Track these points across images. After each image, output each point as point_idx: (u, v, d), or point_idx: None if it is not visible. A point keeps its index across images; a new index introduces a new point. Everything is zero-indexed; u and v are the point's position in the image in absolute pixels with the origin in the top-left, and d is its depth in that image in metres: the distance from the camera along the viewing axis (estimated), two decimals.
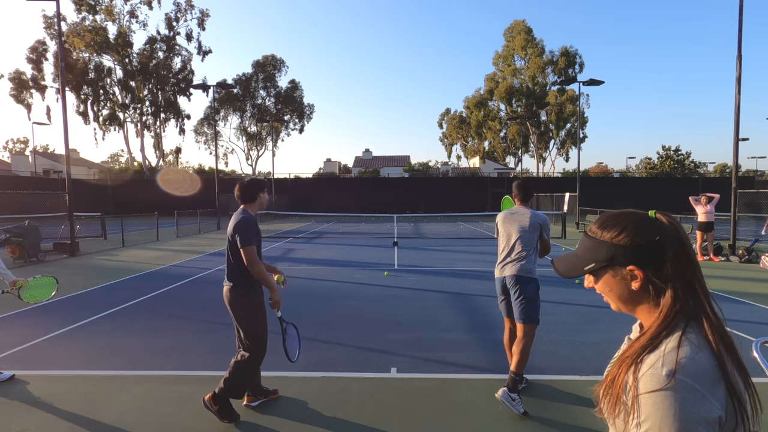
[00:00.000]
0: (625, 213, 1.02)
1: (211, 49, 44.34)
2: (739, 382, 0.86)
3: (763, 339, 1.84)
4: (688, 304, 0.92)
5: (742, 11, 11.64)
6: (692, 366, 0.84)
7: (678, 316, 0.92)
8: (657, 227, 0.97)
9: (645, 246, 0.96)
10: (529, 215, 3.86)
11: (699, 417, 0.79)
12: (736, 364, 0.87)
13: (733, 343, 0.90)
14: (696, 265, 0.95)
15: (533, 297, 3.77)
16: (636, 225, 0.98)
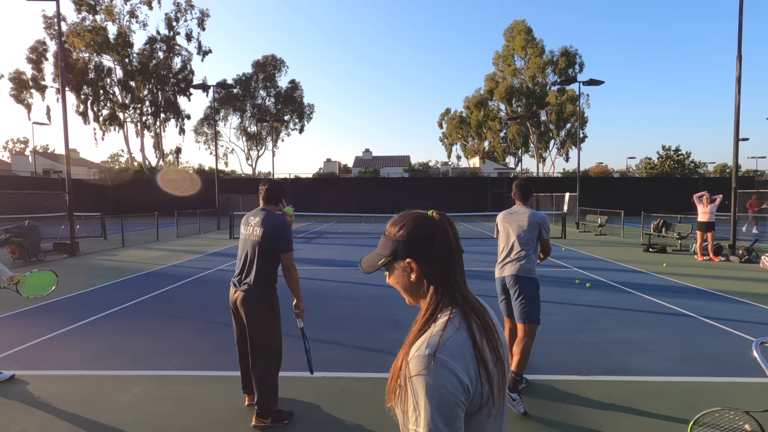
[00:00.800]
0: (407, 213, 1.13)
1: (211, 49, 44.36)
2: (489, 360, 0.97)
3: (762, 339, 1.84)
4: (451, 292, 1.04)
5: (742, 11, 11.64)
6: (450, 345, 0.94)
7: (443, 302, 1.04)
8: (430, 225, 1.07)
9: (419, 241, 1.07)
10: (528, 215, 3.86)
11: (455, 390, 0.90)
12: (490, 345, 1.00)
13: (490, 326, 1.03)
14: (456, 259, 1.07)
15: (533, 297, 3.76)
16: (413, 222, 1.09)
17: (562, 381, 4.19)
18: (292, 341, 5.28)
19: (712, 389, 4.01)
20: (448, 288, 1.05)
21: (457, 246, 1.08)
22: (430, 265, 1.06)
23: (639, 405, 3.70)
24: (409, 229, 1.08)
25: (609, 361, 4.67)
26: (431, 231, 1.07)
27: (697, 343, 5.22)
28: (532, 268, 3.81)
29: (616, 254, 12.82)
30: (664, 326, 5.87)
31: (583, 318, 6.30)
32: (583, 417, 3.52)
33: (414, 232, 1.08)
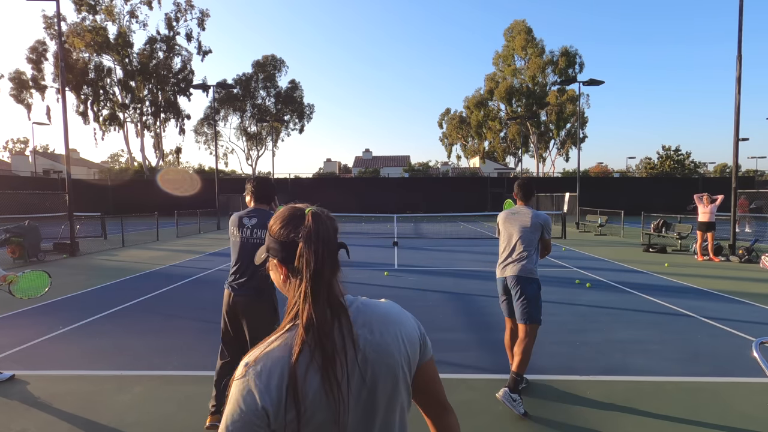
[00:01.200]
0: (287, 207, 1.07)
1: (211, 49, 44.36)
2: (311, 389, 0.89)
3: (762, 339, 1.84)
4: (301, 305, 0.96)
5: (742, 11, 11.64)
6: (263, 360, 0.91)
7: (294, 312, 0.97)
8: (297, 226, 1.00)
9: (284, 242, 1.01)
10: (531, 215, 3.83)
11: (247, 408, 0.87)
12: (325, 373, 0.90)
13: (329, 352, 0.92)
14: (316, 272, 0.95)
15: (535, 297, 3.76)
16: (282, 221, 1.03)
17: (562, 381, 4.19)
18: None
19: (712, 389, 4.01)
20: (299, 300, 0.96)
21: (323, 256, 0.97)
22: (293, 271, 0.99)
23: (639, 405, 3.70)
24: (279, 228, 1.03)
25: (609, 361, 4.67)
26: (295, 234, 0.99)
27: (697, 343, 5.22)
28: (533, 268, 3.80)
29: (616, 254, 12.82)
30: (664, 326, 5.87)
31: (583, 318, 6.30)
32: (583, 417, 3.52)
33: (280, 231, 1.02)
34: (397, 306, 1.11)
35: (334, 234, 1.03)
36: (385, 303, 1.09)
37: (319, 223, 0.99)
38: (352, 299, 1.05)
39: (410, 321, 1.08)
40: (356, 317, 1.00)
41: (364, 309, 1.03)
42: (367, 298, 1.10)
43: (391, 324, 1.03)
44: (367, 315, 1.02)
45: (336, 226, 1.05)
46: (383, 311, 1.05)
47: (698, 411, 3.60)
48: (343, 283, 1.02)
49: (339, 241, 1.05)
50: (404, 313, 1.09)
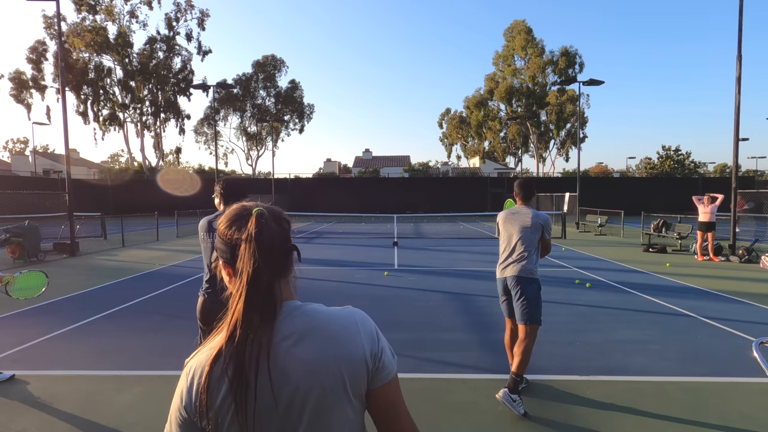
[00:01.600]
0: (236, 207, 1.02)
1: (211, 49, 44.36)
2: (220, 395, 0.89)
3: (762, 339, 1.84)
4: (232, 309, 0.93)
5: (742, 10, 11.64)
6: (194, 359, 0.95)
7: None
8: (240, 226, 0.96)
9: (228, 242, 0.97)
10: (531, 215, 3.81)
11: (177, 403, 0.94)
12: (231, 374, 0.88)
13: (242, 360, 0.88)
14: (256, 271, 0.92)
15: (535, 298, 3.74)
16: (228, 219, 0.99)
17: (562, 381, 4.19)
18: None
19: (712, 389, 4.01)
20: (234, 301, 0.93)
21: (263, 258, 0.92)
22: (236, 272, 0.95)
23: (639, 405, 3.70)
24: (222, 228, 0.99)
25: (609, 361, 4.67)
26: (239, 235, 0.95)
27: (697, 343, 5.22)
28: (533, 268, 3.78)
29: (616, 254, 12.82)
30: (664, 326, 5.87)
31: (583, 318, 6.30)
32: (583, 417, 3.52)
33: (225, 231, 0.98)
34: (353, 318, 1.00)
35: (282, 236, 0.97)
36: (336, 313, 0.99)
37: (262, 225, 0.94)
38: (295, 306, 0.97)
39: (356, 339, 0.96)
40: (285, 326, 0.93)
41: (302, 317, 0.95)
42: (322, 306, 1.01)
43: (326, 339, 0.93)
44: (300, 324, 0.94)
45: (285, 228, 1.00)
46: (323, 322, 0.96)
47: (698, 411, 3.60)
48: (344, 283, 1.00)
49: (290, 244, 1.00)
50: (351, 328, 0.97)
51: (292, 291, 1.02)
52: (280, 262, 0.97)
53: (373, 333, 1.00)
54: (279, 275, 0.96)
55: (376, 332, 1.01)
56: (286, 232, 1.00)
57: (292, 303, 0.98)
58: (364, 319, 1.01)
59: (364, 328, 0.99)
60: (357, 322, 0.99)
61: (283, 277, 0.98)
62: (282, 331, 0.93)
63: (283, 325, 0.94)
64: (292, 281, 1.02)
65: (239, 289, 0.92)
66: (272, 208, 1.01)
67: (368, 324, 1.01)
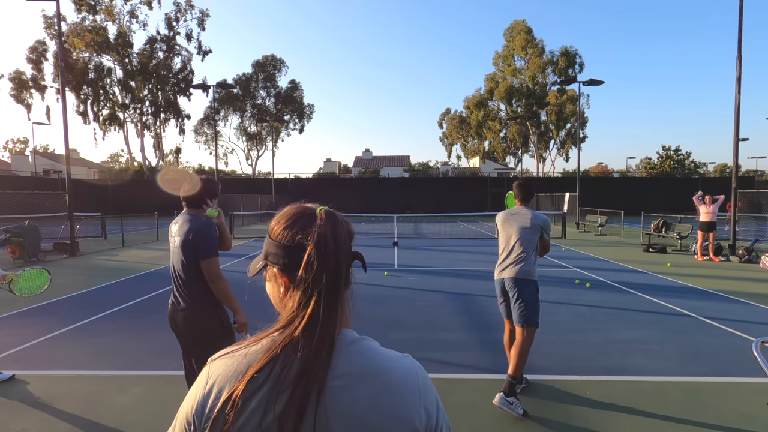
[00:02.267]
0: (293, 206, 0.90)
1: (211, 49, 44.37)
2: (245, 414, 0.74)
3: (762, 339, 1.84)
4: (296, 321, 0.79)
5: (742, 10, 11.64)
6: (220, 364, 0.80)
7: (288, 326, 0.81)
8: (306, 228, 0.82)
9: (288, 246, 0.83)
10: (530, 216, 3.80)
11: (187, 407, 0.80)
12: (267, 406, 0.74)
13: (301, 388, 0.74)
14: (331, 279, 0.79)
15: (532, 300, 3.72)
16: (287, 221, 0.86)
17: (562, 381, 4.19)
18: None
19: (712, 389, 4.01)
20: (297, 312, 0.80)
21: (337, 264, 0.80)
22: (297, 281, 0.81)
23: (639, 405, 3.70)
24: (279, 229, 0.86)
25: (609, 361, 4.67)
26: (303, 236, 0.82)
27: (697, 343, 5.22)
28: (531, 270, 3.77)
29: (616, 254, 12.82)
30: (664, 326, 5.87)
31: (583, 318, 6.31)
32: (583, 417, 3.52)
33: (283, 233, 0.85)
34: (415, 372, 0.81)
35: (349, 240, 0.85)
36: (397, 362, 0.82)
37: (335, 224, 0.83)
38: (353, 338, 0.82)
39: (416, 402, 0.77)
40: (340, 361, 0.77)
41: (359, 355, 0.80)
42: (377, 344, 0.85)
43: (384, 392, 0.76)
44: (357, 364, 0.78)
45: (352, 231, 0.88)
46: (382, 369, 0.79)
47: (698, 411, 3.60)
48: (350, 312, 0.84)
49: (354, 251, 0.87)
50: (412, 387, 0.78)
51: (348, 315, 0.85)
52: (349, 272, 0.83)
53: (434, 401, 0.81)
54: (347, 287, 0.83)
55: (437, 402, 0.82)
56: (352, 237, 0.87)
57: (349, 333, 0.83)
58: (427, 380, 0.82)
59: (427, 392, 0.80)
60: (419, 379, 0.81)
61: (348, 291, 0.84)
62: (336, 367, 0.77)
63: (339, 359, 0.77)
64: (349, 302, 0.86)
65: (305, 304, 0.79)
66: (334, 210, 0.90)
67: (431, 388, 0.82)
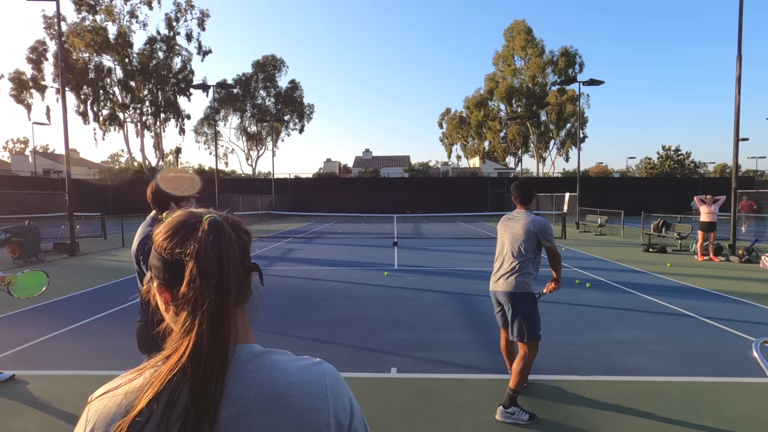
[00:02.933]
0: (180, 213, 0.79)
1: (211, 49, 44.40)
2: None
3: (762, 339, 1.84)
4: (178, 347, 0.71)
5: (742, 10, 11.63)
6: (104, 400, 0.71)
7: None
8: (187, 238, 0.74)
9: (167, 259, 0.74)
10: (525, 222, 3.52)
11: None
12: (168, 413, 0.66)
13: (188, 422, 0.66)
14: (215, 298, 0.70)
15: (529, 314, 3.47)
16: (170, 230, 0.76)
17: (562, 381, 4.19)
18: (289, 341, 5.28)
19: (712, 389, 4.01)
20: (181, 337, 0.71)
21: (221, 280, 0.71)
22: (178, 298, 0.73)
23: (639, 405, 3.70)
24: (160, 239, 0.76)
25: (609, 361, 4.67)
26: (182, 249, 0.73)
27: (697, 343, 5.22)
28: (525, 281, 3.49)
29: (616, 254, 12.82)
30: (664, 326, 5.87)
31: (583, 318, 6.30)
32: (583, 417, 3.52)
33: (164, 244, 0.75)
34: (322, 383, 0.75)
35: (241, 252, 0.76)
36: (302, 375, 0.74)
37: (219, 236, 0.73)
38: (252, 354, 0.74)
39: (322, 413, 0.72)
40: (236, 384, 0.70)
41: (257, 375, 0.72)
42: (283, 356, 0.77)
43: (284, 411, 0.70)
44: (254, 385, 0.71)
45: (246, 240, 0.79)
46: (283, 387, 0.72)
47: (698, 411, 3.60)
48: (344, 283, 0.78)
49: (251, 262, 0.78)
50: (318, 401, 0.73)
51: (248, 329, 0.79)
52: (242, 287, 0.75)
53: (346, 407, 0.76)
54: (239, 304, 0.75)
55: (351, 406, 0.77)
56: (246, 246, 0.79)
57: (247, 349, 0.75)
58: (337, 386, 0.77)
59: (336, 400, 0.75)
60: (327, 389, 0.75)
61: (243, 307, 0.77)
62: (230, 391, 0.69)
63: (233, 383, 0.70)
64: (250, 314, 0.80)
65: (187, 325, 0.71)
66: (231, 216, 0.81)
67: (341, 393, 0.77)
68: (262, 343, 0.79)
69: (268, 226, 24.41)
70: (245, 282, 0.77)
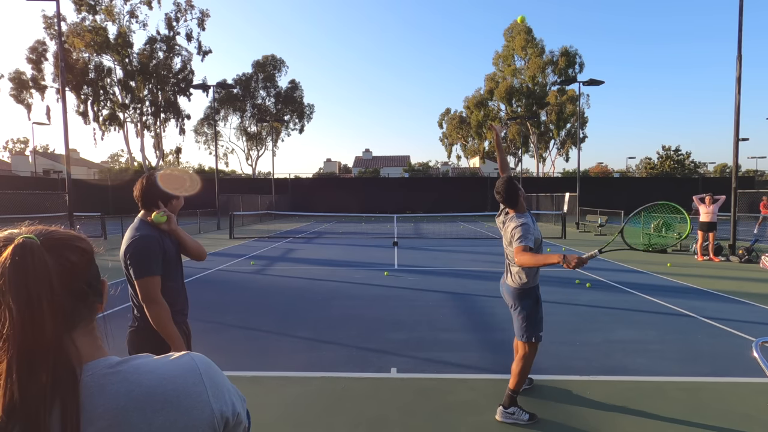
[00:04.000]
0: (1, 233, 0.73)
1: (211, 49, 44.32)
2: None
3: (762, 339, 1.84)
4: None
5: (742, 10, 11.63)
6: None
7: None
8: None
9: None
10: (511, 226, 3.35)
11: None
12: None
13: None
14: (21, 328, 0.64)
15: (530, 313, 3.42)
16: None
17: (562, 381, 4.18)
18: (289, 341, 5.28)
19: (712, 389, 4.01)
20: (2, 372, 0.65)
21: (30, 310, 0.65)
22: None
23: (639, 405, 3.70)
24: None
25: (609, 361, 4.67)
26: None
27: (697, 343, 5.22)
28: (526, 279, 3.42)
29: (616, 254, 12.82)
30: (664, 326, 5.87)
31: (583, 318, 6.31)
32: (583, 417, 3.52)
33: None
34: (195, 369, 0.74)
35: (61, 273, 0.70)
36: (170, 369, 0.72)
37: (25, 261, 0.66)
38: (107, 366, 0.71)
39: (202, 399, 0.72)
40: (94, 402, 0.67)
41: (120, 385, 0.69)
42: (145, 359, 0.74)
43: (162, 407, 0.68)
44: (119, 396, 0.68)
45: (71, 261, 0.72)
46: (152, 386, 0.69)
47: (698, 411, 3.60)
48: (344, 283, 0.73)
49: (79, 283, 0.72)
50: (195, 387, 0.72)
51: (99, 345, 0.75)
52: (64, 311, 0.69)
53: (221, 387, 0.76)
54: (72, 326, 0.70)
55: (227, 384, 0.78)
56: (70, 268, 0.71)
57: (102, 363, 0.71)
58: (210, 369, 0.76)
59: (212, 383, 0.74)
60: (201, 374, 0.74)
61: (75, 330, 0.71)
62: (91, 409, 0.66)
63: (92, 401, 0.66)
64: (95, 332, 0.75)
65: (3, 361, 0.65)
66: (55, 234, 0.73)
67: (216, 375, 0.77)
68: (262, 342, 0.79)
69: (268, 226, 24.41)
70: (77, 305, 0.72)
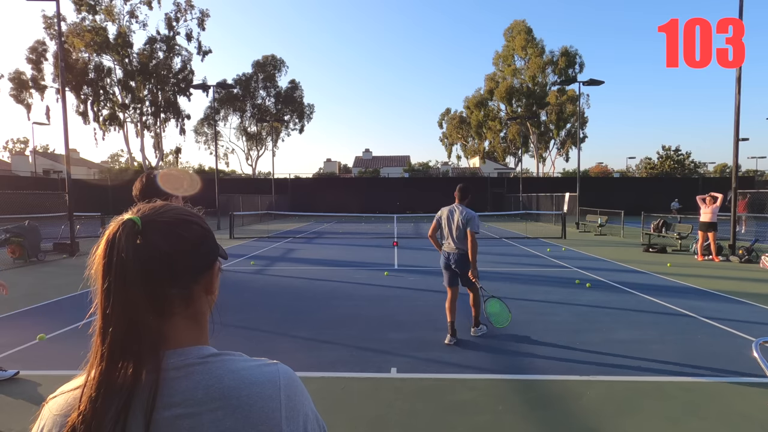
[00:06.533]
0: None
1: (211, 49, 44.30)
2: None
3: (762, 339, 1.84)
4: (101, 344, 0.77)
5: (742, 10, 11.63)
6: (58, 400, 0.75)
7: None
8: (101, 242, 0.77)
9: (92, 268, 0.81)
10: (459, 214, 5.21)
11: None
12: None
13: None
14: (111, 303, 0.77)
15: (467, 269, 5.16)
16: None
17: (562, 381, 4.19)
18: (289, 341, 5.28)
19: (712, 389, 4.01)
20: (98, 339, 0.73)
21: (124, 282, 0.71)
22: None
23: (639, 405, 3.70)
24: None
25: (609, 361, 4.67)
26: (91, 256, 0.78)
27: (697, 343, 5.23)
28: (464, 248, 5.24)
29: (616, 254, 12.82)
30: (664, 326, 5.88)
31: (583, 318, 6.31)
32: (583, 417, 3.52)
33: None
34: (276, 384, 0.71)
35: (169, 252, 0.71)
36: (254, 376, 0.70)
37: (127, 235, 0.71)
38: (200, 356, 0.71)
39: (274, 416, 0.68)
40: (177, 386, 0.67)
41: (204, 376, 0.68)
42: (237, 358, 0.73)
43: (231, 411, 0.66)
44: (200, 387, 0.67)
45: (185, 238, 0.73)
46: (231, 387, 0.68)
47: (698, 411, 3.60)
48: (344, 283, 0.74)
49: (192, 261, 0.73)
50: (270, 402, 0.68)
51: (199, 333, 0.75)
52: (157, 296, 0.71)
53: (297, 409, 0.71)
54: (160, 314, 0.71)
55: (306, 408, 0.73)
56: (181, 245, 0.72)
57: (196, 351, 0.71)
58: (292, 386, 0.72)
59: (289, 402, 0.70)
60: (281, 389, 0.70)
61: (173, 316, 0.72)
62: (171, 393, 0.66)
63: (176, 384, 0.67)
64: (198, 320, 0.75)
65: (96, 333, 0.72)
66: (167, 211, 0.75)
67: (296, 395, 0.72)
68: (262, 342, 0.79)
69: (268, 226, 24.41)
70: (172, 291, 0.72)
